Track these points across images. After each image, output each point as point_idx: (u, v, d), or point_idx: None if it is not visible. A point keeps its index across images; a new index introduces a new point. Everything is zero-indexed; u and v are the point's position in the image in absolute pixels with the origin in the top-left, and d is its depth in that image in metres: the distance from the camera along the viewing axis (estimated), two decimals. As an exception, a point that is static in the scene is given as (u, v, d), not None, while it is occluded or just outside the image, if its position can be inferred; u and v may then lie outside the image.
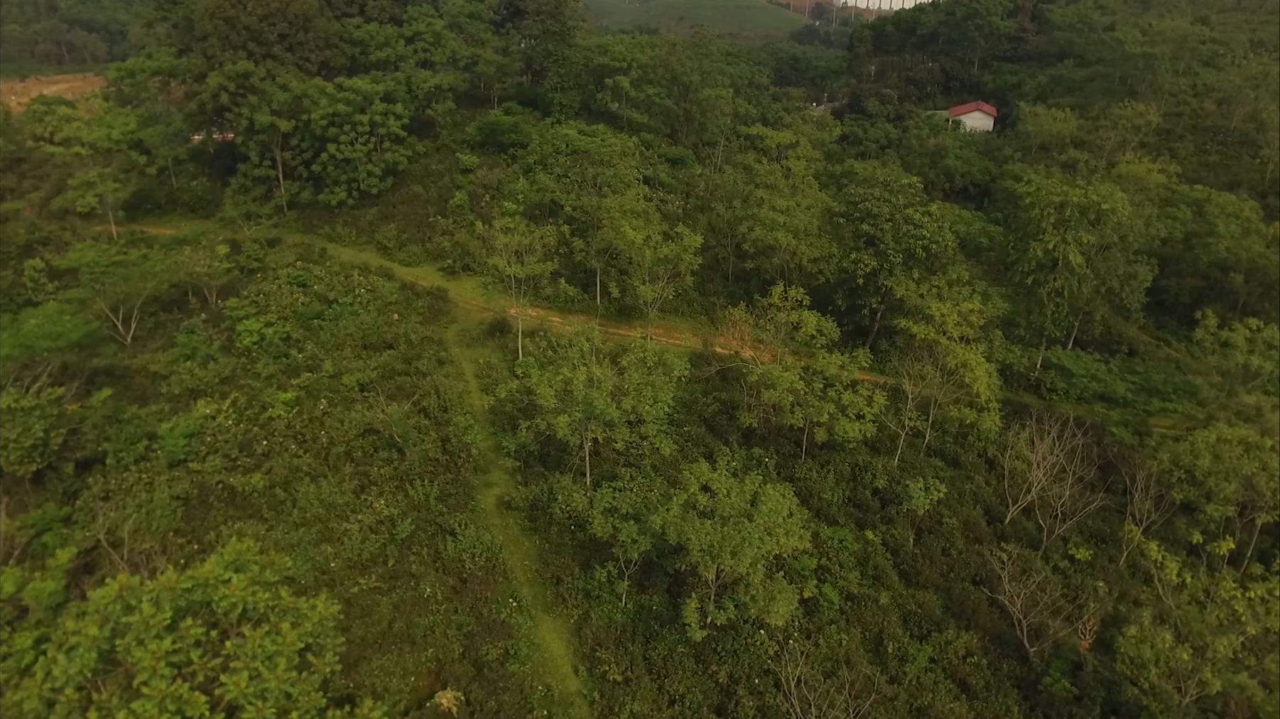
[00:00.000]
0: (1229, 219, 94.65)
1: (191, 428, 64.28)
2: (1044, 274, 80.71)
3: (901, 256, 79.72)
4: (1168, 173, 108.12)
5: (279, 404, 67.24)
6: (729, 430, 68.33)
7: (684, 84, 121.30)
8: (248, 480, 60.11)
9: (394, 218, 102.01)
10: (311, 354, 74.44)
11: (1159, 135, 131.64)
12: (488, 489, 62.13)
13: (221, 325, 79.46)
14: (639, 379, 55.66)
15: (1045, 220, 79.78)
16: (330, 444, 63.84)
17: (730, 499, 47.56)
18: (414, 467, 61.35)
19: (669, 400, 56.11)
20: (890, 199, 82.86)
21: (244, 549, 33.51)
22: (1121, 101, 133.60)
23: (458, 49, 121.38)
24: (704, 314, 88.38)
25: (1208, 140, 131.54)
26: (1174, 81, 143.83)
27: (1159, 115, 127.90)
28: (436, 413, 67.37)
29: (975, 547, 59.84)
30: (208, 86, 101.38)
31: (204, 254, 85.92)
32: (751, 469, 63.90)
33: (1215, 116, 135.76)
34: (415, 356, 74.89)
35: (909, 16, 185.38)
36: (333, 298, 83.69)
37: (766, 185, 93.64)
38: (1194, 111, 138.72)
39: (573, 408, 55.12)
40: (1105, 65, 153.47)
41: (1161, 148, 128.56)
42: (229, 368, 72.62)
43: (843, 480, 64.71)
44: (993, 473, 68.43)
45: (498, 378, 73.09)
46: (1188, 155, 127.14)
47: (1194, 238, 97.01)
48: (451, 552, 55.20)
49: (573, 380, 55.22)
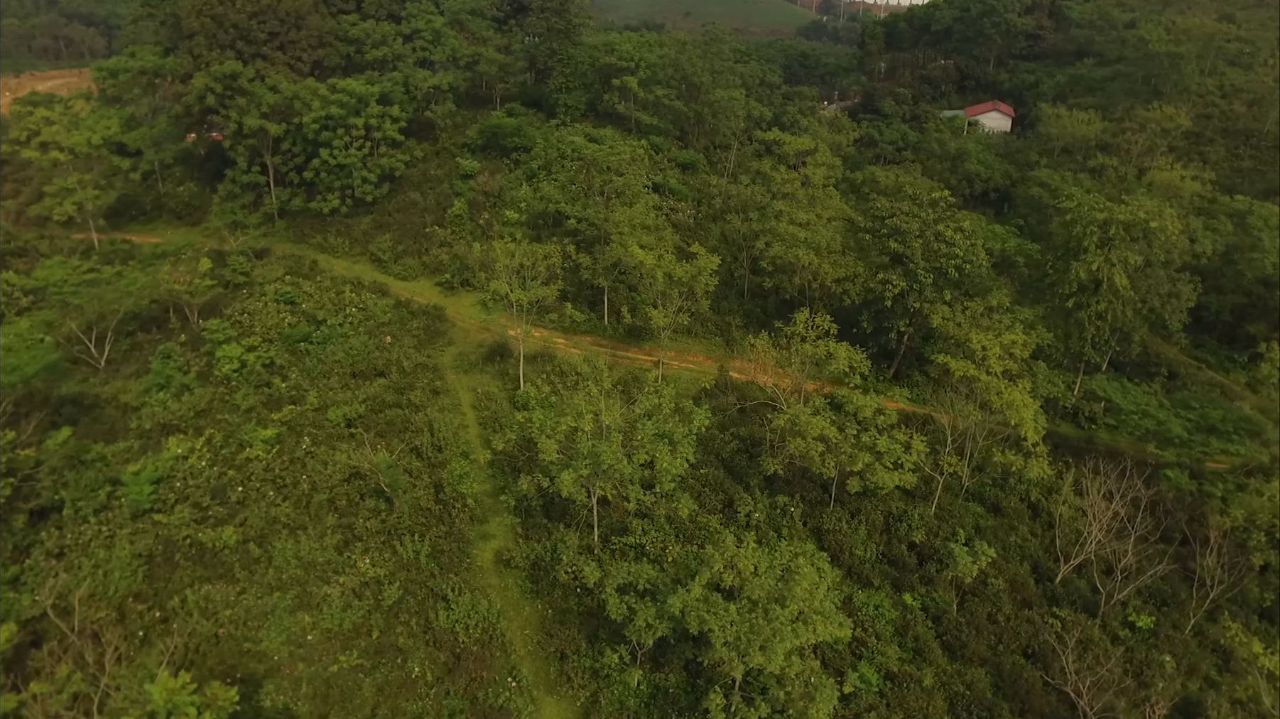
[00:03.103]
0: (1273, 232, 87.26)
1: (160, 471, 57.28)
2: (1086, 296, 73.48)
3: (932, 276, 72.54)
4: (1202, 180, 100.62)
5: (258, 443, 60.22)
6: (749, 472, 61.16)
7: (695, 85, 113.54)
8: (218, 535, 53.12)
9: (389, 227, 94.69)
10: (295, 384, 67.34)
11: (1187, 139, 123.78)
12: (485, 542, 55.14)
13: (201, 349, 72.33)
14: (654, 430, 48.53)
15: (1088, 239, 72.50)
16: (312, 491, 56.81)
17: (760, 579, 40.56)
18: (403, 518, 54.38)
19: (689, 456, 49.05)
20: (919, 214, 75.54)
21: (176, 689, 26.52)
22: (1146, 103, 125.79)
23: (458, 47, 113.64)
24: (718, 334, 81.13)
25: (1240, 144, 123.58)
26: (1201, 82, 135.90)
27: (1189, 118, 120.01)
28: (429, 453, 60.35)
29: (1025, 612, 52.75)
30: (193, 88, 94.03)
31: (184, 270, 78.72)
32: (776, 519, 57.09)
33: (1246, 119, 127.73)
34: (408, 386, 67.78)
35: (922, 13, 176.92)
36: (322, 317, 76.49)
37: (784, 195, 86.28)
38: (1223, 114, 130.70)
39: (578, 461, 48.05)
40: (1127, 64, 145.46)
41: (1191, 152, 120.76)
42: (206, 399, 65.55)
43: (875, 532, 57.62)
44: (1037, 520, 61.31)
45: (497, 411, 66.02)
46: (1219, 160, 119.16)
47: (1235, 252, 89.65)
48: (444, 622, 48.32)
49: (578, 429, 48.14)
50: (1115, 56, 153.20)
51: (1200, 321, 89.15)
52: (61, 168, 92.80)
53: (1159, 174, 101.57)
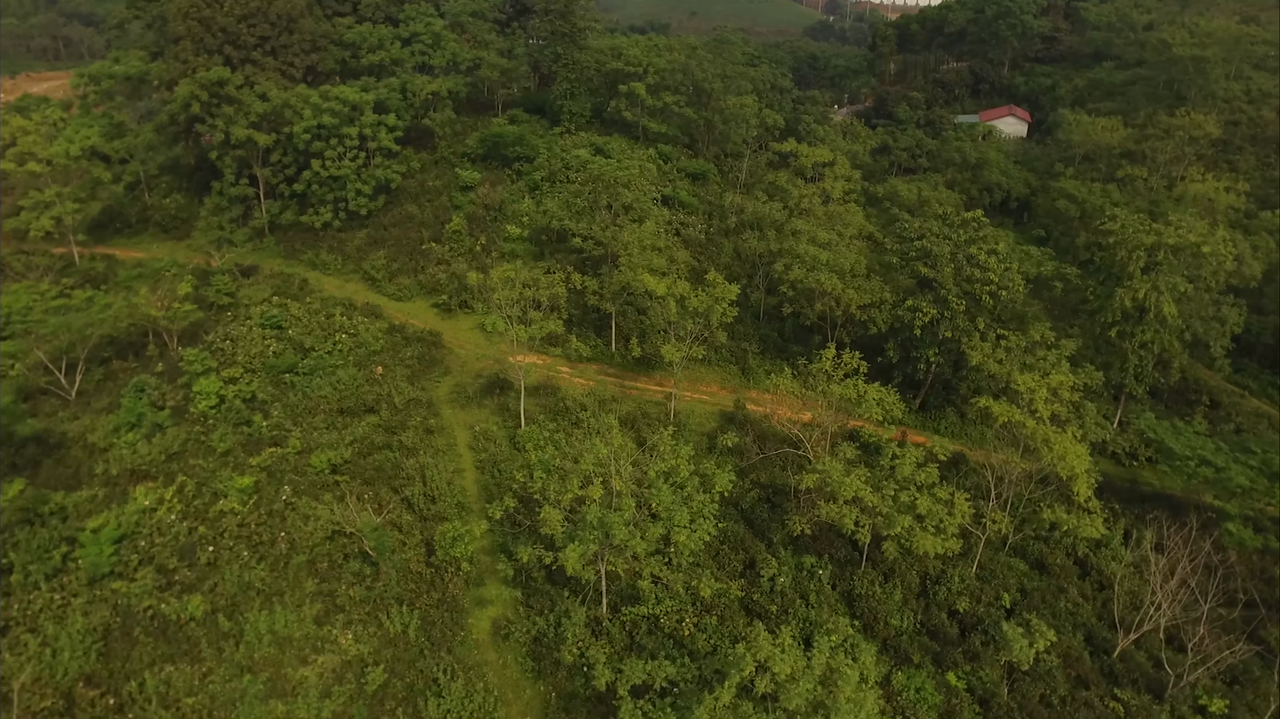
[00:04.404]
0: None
1: (124, 527, 51.03)
2: (1130, 325, 67.01)
3: (964, 303, 66.11)
4: (1237, 192, 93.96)
5: (233, 493, 53.88)
6: (772, 525, 54.78)
7: (705, 91, 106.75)
8: (184, 605, 46.80)
9: (384, 242, 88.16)
10: (277, 422, 60.95)
11: (1215, 147, 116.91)
12: (481, 609, 48.80)
13: (179, 380, 65.97)
14: (670, 498, 42.16)
15: (1133, 263, 66.03)
16: (290, 551, 50.49)
17: (799, 687, 34.25)
18: (390, 585, 48.08)
19: (711, 530, 42.70)
20: (950, 235, 69.06)
21: None
22: (1169, 108, 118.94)
23: (458, 51, 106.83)
24: (734, 362, 74.67)
25: (1270, 152, 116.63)
26: (1227, 87, 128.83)
27: (1217, 126, 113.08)
28: (421, 505, 54.00)
29: (1082, 693, 46.39)
30: (177, 96, 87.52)
31: (163, 293, 72.36)
32: (802, 582, 50.76)
33: (1275, 126, 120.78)
34: (400, 425, 61.37)
35: (935, 14, 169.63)
36: (309, 345, 70.11)
37: (802, 211, 79.77)
38: (1251, 120, 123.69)
39: (585, 532, 41.72)
40: (1148, 68, 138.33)
41: (1220, 161, 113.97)
42: (179, 440, 59.17)
43: (912, 596, 51.24)
44: (1087, 579, 54.92)
45: (497, 454, 59.64)
46: (1250, 170, 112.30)
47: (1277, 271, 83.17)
48: (434, 712, 42.06)
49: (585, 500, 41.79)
50: (1135, 60, 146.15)
51: (1240, 345, 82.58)
52: (39, 180, 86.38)
53: (1193, 186, 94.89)
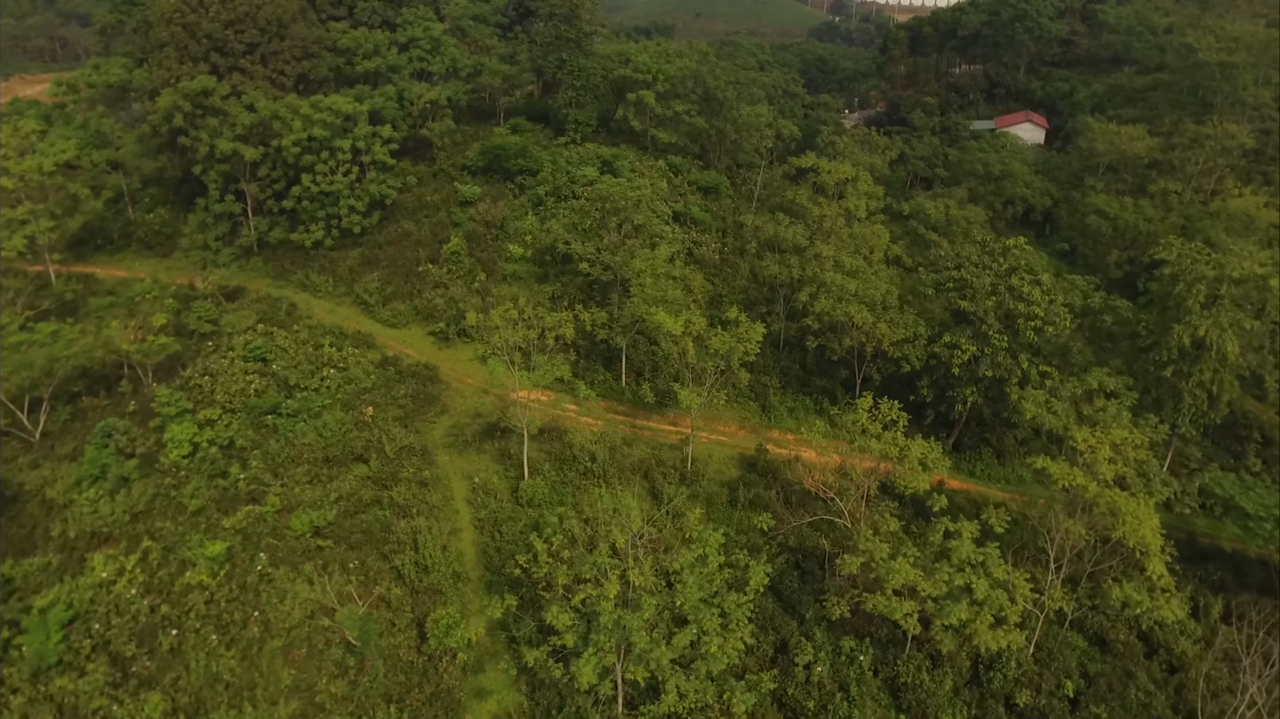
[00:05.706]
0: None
1: (77, 607, 44.46)
2: (1187, 364, 60.33)
3: (1006, 340, 59.48)
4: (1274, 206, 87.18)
5: (202, 562, 47.26)
6: (805, 601, 48.10)
7: (717, 99, 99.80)
8: (140, 707, 40.20)
9: (379, 263, 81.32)
10: (256, 474, 54.24)
11: (1246, 158, 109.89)
12: (480, 703, 42.23)
13: (151, 423, 59.26)
14: (697, 596, 35.53)
15: (1193, 298, 59.29)
16: (264, 635, 43.94)
17: None
18: (376, 680, 41.51)
19: (746, 637, 36.10)
20: (991, 264, 62.36)
21: None
22: (1195, 115, 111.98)
23: (459, 57, 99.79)
24: (753, 398, 68.04)
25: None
26: (1256, 94, 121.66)
27: (1251, 136, 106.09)
28: (413, 577, 47.36)
29: (1164, 807, 40.04)
30: (159, 107, 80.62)
31: (138, 324, 65.68)
32: (841, 670, 44.17)
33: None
34: (390, 477, 54.65)
35: (948, 16, 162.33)
36: (295, 381, 63.42)
37: (825, 233, 72.98)
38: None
39: (599, 635, 35.12)
40: (1170, 73, 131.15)
41: (1252, 172, 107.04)
42: (146, 497, 52.52)
43: (964, 684, 44.74)
44: (1154, 659, 48.34)
45: (497, 510, 52.98)
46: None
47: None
48: (422, 843, 35.61)
49: (599, 599, 35.15)
50: (1155, 64, 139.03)
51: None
52: (10, 196, 79.49)
53: (1232, 201, 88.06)
